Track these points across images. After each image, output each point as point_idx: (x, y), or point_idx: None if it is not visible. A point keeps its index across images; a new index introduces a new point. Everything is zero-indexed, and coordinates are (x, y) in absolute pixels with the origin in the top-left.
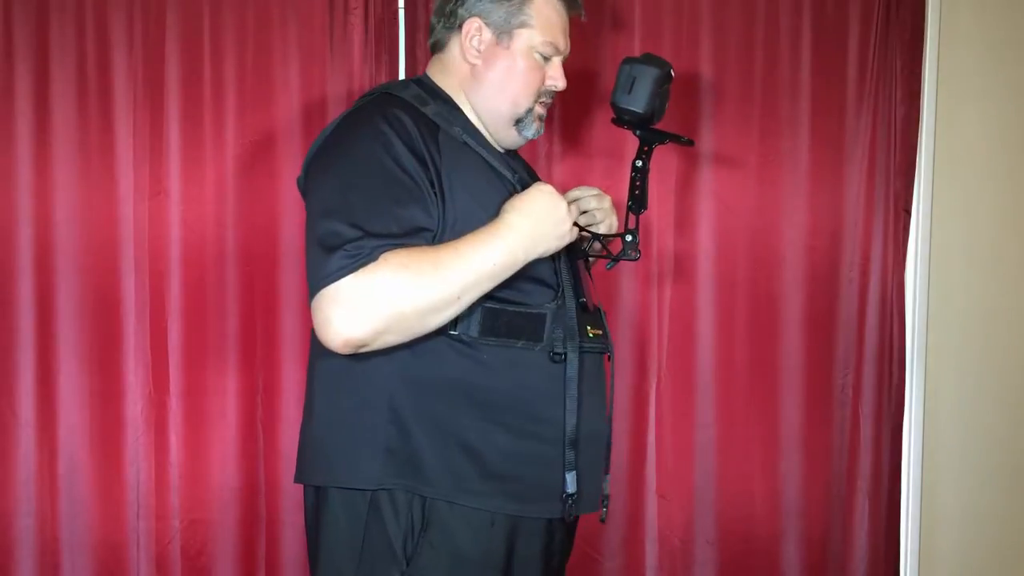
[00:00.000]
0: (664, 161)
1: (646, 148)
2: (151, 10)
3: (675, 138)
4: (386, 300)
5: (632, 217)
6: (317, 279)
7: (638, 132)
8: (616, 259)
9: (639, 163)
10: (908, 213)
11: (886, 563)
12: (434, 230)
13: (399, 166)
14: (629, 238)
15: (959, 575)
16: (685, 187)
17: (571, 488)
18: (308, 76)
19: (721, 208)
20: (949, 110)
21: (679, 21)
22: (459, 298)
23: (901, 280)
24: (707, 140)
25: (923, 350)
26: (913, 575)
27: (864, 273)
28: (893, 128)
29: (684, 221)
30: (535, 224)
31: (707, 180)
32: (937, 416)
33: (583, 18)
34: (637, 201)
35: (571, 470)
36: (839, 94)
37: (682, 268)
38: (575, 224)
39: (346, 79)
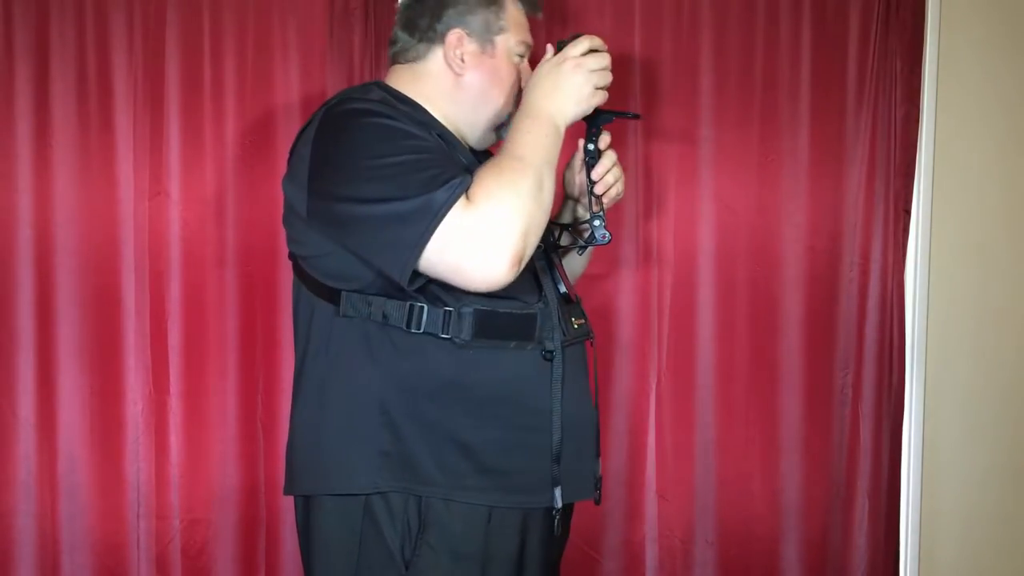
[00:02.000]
0: (664, 161)
1: (595, 130)
2: (151, 10)
3: (621, 114)
4: (501, 203)
5: (595, 200)
6: (409, 246)
7: (585, 117)
8: (587, 245)
9: (591, 146)
10: (908, 213)
11: (886, 563)
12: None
13: (416, 137)
14: (597, 222)
15: (959, 575)
16: (685, 187)
17: (559, 503)
18: (308, 76)
19: (721, 208)
20: (949, 110)
21: (679, 21)
22: (542, 182)
23: (901, 280)
24: (707, 140)
25: (923, 350)
26: (913, 575)
27: (864, 273)
28: (893, 128)
29: (684, 221)
30: (555, 94)
31: (707, 180)
32: (937, 416)
33: (539, 17)
34: (595, 183)
35: (557, 484)
36: (839, 94)
37: (682, 268)
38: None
39: (346, 79)
